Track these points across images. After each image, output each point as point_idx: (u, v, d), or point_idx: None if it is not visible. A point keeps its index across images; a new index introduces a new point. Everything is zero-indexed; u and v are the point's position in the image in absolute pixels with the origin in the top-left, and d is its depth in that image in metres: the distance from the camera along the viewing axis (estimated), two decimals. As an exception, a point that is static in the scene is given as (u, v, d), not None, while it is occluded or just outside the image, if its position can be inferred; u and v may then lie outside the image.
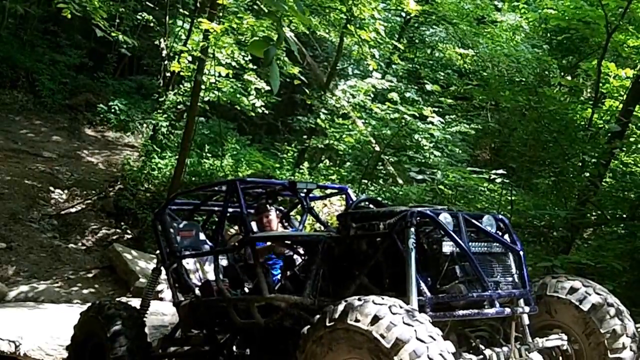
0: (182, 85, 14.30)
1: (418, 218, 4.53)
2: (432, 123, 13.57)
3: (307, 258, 5.38)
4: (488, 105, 16.15)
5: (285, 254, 5.73)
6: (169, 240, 6.27)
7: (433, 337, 3.84)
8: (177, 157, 12.92)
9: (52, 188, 13.97)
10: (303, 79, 14.05)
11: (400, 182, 14.05)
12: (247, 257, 5.82)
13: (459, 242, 4.45)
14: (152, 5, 15.57)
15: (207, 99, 13.73)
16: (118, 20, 14.09)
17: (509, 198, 10.92)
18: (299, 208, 7.04)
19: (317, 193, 7.38)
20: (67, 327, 6.71)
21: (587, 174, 10.02)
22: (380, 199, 11.66)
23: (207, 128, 16.34)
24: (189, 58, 12.97)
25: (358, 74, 17.34)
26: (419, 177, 13.25)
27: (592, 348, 4.96)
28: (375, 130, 14.08)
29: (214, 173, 13.69)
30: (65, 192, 14.04)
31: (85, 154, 16.04)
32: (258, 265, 5.31)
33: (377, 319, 3.87)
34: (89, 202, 13.57)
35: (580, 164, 10.27)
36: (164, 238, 6.33)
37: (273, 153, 16.02)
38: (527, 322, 4.74)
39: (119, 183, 13.87)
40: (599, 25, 11.22)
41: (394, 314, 3.88)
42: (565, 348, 4.98)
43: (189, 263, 6.37)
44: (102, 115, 17.36)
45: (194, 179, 13.27)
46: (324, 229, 6.67)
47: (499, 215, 5.03)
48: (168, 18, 14.97)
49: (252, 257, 5.52)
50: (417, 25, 17.58)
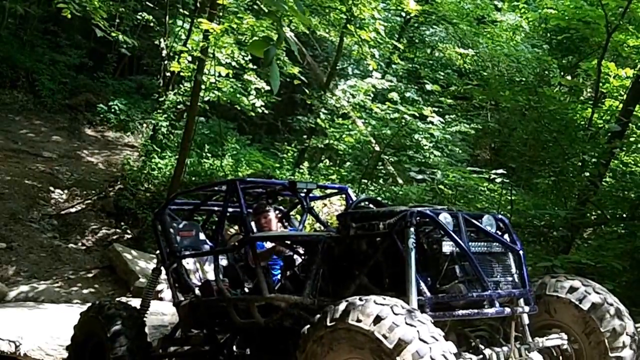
0: (182, 85, 14.28)
1: (418, 218, 4.53)
2: (432, 123, 13.57)
3: (307, 258, 5.37)
4: (488, 105, 16.14)
5: (285, 254, 5.72)
6: (169, 240, 6.26)
7: (435, 337, 3.84)
8: (177, 157, 12.91)
9: (52, 188, 13.97)
10: (303, 79, 14.04)
11: (400, 181, 14.04)
12: (247, 257, 5.82)
13: (459, 242, 4.45)
14: (152, 5, 15.56)
15: (207, 99, 13.71)
16: (118, 20, 14.09)
17: (509, 198, 10.91)
18: (299, 208, 7.03)
19: (317, 193, 7.37)
20: (67, 327, 6.70)
21: (587, 174, 10.00)
22: (380, 199, 11.69)
23: (207, 128, 16.34)
24: (189, 58, 12.97)
25: (358, 74, 17.32)
26: (419, 176, 13.25)
27: (592, 347, 4.95)
28: (375, 130, 14.07)
29: (214, 173, 13.68)
30: (65, 192, 14.04)
31: (85, 154, 16.04)
32: (258, 266, 5.29)
33: (379, 319, 3.86)
34: (89, 202, 13.57)
35: (580, 164, 10.25)
36: (164, 238, 6.32)
37: (273, 153, 16.01)
38: (527, 321, 4.73)
39: (119, 183, 13.86)
40: (599, 25, 11.21)
41: (397, 315, 3.87)
42: (565, 347, 4.98)
43: (189, 263, 6.35)
44: (102, 115, 17.37)
45: (194, 179, 13.26)
46: (324, 229, 6.67)
47: (499, 215, 5.03)
48: (168, 18, 14.95)
49: (251, 257, 5.52)
50: (417, 25, 17.56)
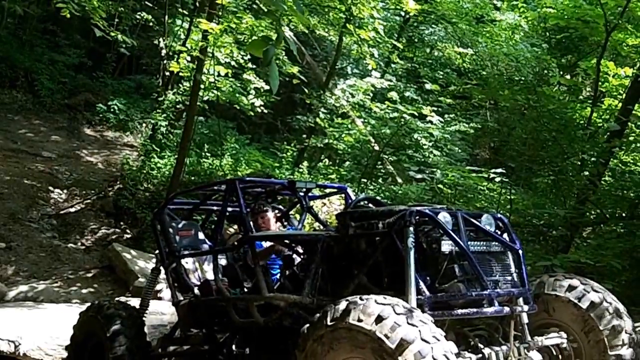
0: (181, 85, 14.27)
1: (417, 217, 4.52)
2: (431, 122, 13.57)
3: (306, 257, 5.37)
4: (487, 105, 16.14)
5: (284, 253, 5.72)
6: (168, 240, 6.27)
7: (437, 337, 3.83)
8: (176, 156, 12.89)
9: (51, 188, 13.97)
10: (302, 78, 14.02)
11: (400, 181, 14.04)
12: (246, 256, 5.82)
13: (458, 241, 4.44)
14: (151, 5, 15.55)
15: (206, 99, 13.71)
16: (117, 20, 14.04)
17: (508, 197, 10.90)
18: (298, 207, 7.03)
19: (316, 192, 7.36)
20: (66, 326, 6.69)
21: (586, 173, 10.00)
22: (380, 198, 11.69)
23: (206, 127, 16.33)
24: (188, 57, 12.96)
25: (357, 73, 17.30)
26: (419, 176, 13.27)
27: (591, 346, 4.95)
28: (375, 130, 14.06)
29: (213, 172, 13.67)
30: (65, 191, 14.04)
31: (85, 154, 16.05)
32: (257, 265, 5.29)
33: (381, 319, 3.86)
34: (88, 201, 13.57)
35: (580, 163, 10.25)
36: (163, 238, 6.32)
37: (272, 152, 16.00)
38: (526, 320, 4.73)
39: (118, 183, 13.86)
40: (598, 24, 11.20)
41: (398, 314, 3.86)
42: (564, 346, 4.97)
43: (188, 262, 6.35)
44: (101, 115, 17.38)
45: (193, 179, 13.26)
46: (323, 228, 6.67)
47: (498, 215, 5.03)
48: (167, 17, 14.95)
49: (251, 256, 5.52)
50: (416, 25, 17.53)
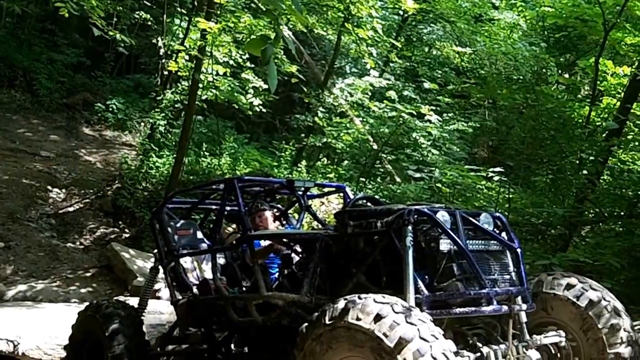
0: (179, 84, 14.26)
1: (415, 216, 4.52)
2: (429, 121, 13.56)
3: (304, 256, 5.37)
4: (486, 103, 16.16)
5: (283, 252, 5.72)
6: (167, 239, 6.27)
7: (436, 336, 3.83)
8: (174, 155, 12.87)
9: (50, 187, 13.96)
10: (301, 77, 14.01)
11: (398, 180, 14.03)
12: (245, 255, 5.82)
13: (457, 240, 4.44)
14: (149, 4, 15.52)
15: (204, 98, 13.68)
16: (115, 19, 14.04)
17: (507, 196, 10.90)
18: (297, 206, 7.03)
19: (315, 191, 7.36)
20: (65, 326, 6.69)
21: (584, 172, 10.01)
22: (378, 197, 11.68)
23: (204, 127, 16.31)
24: (187, 57, 12.96)
25: (356, 72, 17.27)
26: (417, 175, 13.26)
27: (590, 344, 4.94)
28: (373, 129, 14.04)
29: (212, 172, 13.67)
30: (63, 191, 14.04)
31: (83, 153, 16.04)
32: (255, 264, 5.29)
33: (379, 318, 3.85)
34: (87, 201, 13.56)
35: (578, 162, 10.27)
36: (162, 237, 6.32)
37: (271, 151, 15.98)
38: (525, 319, 4.73)
39: (117, 182, 13.86)
40: (597, 23, 11.22)
41: (397, 313, 3.86)
42: (563, 345, 4.98)
43: (187, 262, 6.35)
44: (99, 114, 17.37)
45: (192, 178, 13.26)
46: (322, 227, 6.67)
47: (497, 213, 5.03)
48: (165, 17, 14.92)
49: (249, 255, 5.52)
50: (414, 24, 17.51)
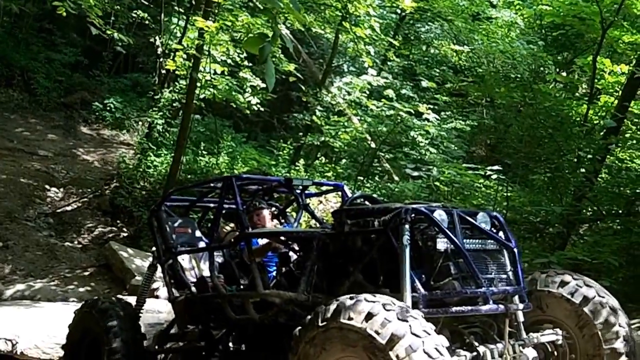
0: (177, 83, 14.26)
1: (413, 215, 4.53)
2: (427, 120, 13.56)
3: (302, 254, 5.38)
4: (483, 102, 16.15)
5: (281, 251, 5.73)
6: (165, 237, 6.29)
7: (427, 331, 3.87)
8: (172, 154, 12.88)
9: (47, 186, 13.96)
10: (299, 76, 14.00)
11: (396, 178, 14.03)
12: (243, 253, 5.83)
13: (454, 238, 4.45)
14: (147, 3, 15.50)
15: (202, 97, 13.68)
16: (113, 18, 14.04)
17: (505, 194, 10.91)
18: (295, 205, 7.04)
19: (313, 190, 7.37)
20: (63, 325, 6.70)
21: (582, 170, 10.01)
22: (376, 196, 11.67)
23: (202, 125, 16.31)
24: (184, 55, 12.95)
25: (353, 71, 17.28)
26: (415, 173, 13.23)
27: (585, 340, 4.97)
28: (371, 127, 14.02)
29: (210, 170, 13.67)
30: (61, 190, 14.04)
31: (81, 152, 16.04)
32: (253, 262, 5.31)
33: (371, 316, 3.88)
34: (85, 200, 13.56)
35: (576, 160, 10.27)
36: (160, 234, 6.34)
37: (269, 150, 15.98)
38: (522, 318, 4.74)
39: (115, 181, 13.86)
40: (594, 22, 11.22)
41: (388, 311, 3.89)
42: (560, 342, 4.99)
43: (185, 260, 6.37)
44: (97, 113, 17.38)
45: (190, 177, 13.25)
46: (319, 226, 6.68)
47: (494, 212, 5.03)
48: (163, 15, 14.91)
49: (247, 253, 5.52)
50: (412, 22, 17.52)
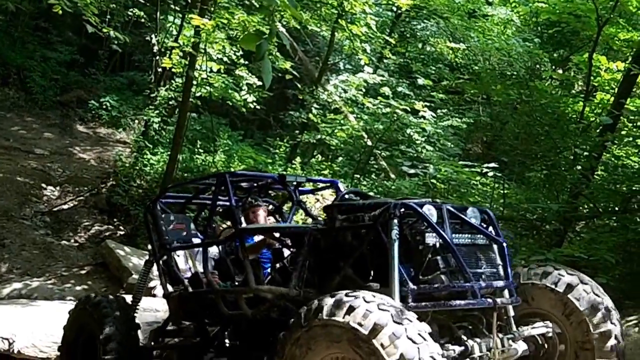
0: (173, 81, 14.25)
1: (402, 210, 4.55)
2: (424, 117, 13.56)
3: (294, 250, 5.41)
4: (480, 99, 16.13)
5: (275, 247, 5.75)
6: (160, 233, 6.32)
7: (410, 319, 3.94)
8: (169, 153, 12.88)
9: (44, 185, 13.97)
10: (295, 74, 13.99)
11: (393, 176, 14.03)
12: (238, 250, 5.85)
13: (442, 233, 4.48)
14: (142, 1, 15.50)
15: (198, 95, 13.68)
16: (109, 16, 14.01)
17: (501, 191, 10.91)
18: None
19: (308, 186, 7.38)
20: (61, 324, 6.71)
21: (579, 167, 9.98)
22: (373, 194, 11.66)
23: (199, 124, 16.30)
24: (180, 53, 12.96)
25: (350, 69, 17.25)
26: (411, 171, 13.21)
27: (574, 328, 4.99)
28: (367, 125, 14.03)
29: (207, 169, 13.66)
30: (58, 188, 14.04)
31: (77, 151, 16.04)
32: (246, 258, 5.33)
33: (352, 309, 3.95)
34: (81, 198, 13.57)
35: (572, 157, 10.24)
36: (155, 230, 6.37)
37: (265, 148, 15.95)
38: (512, 312, 4.77)
39: (111, 179, 13.86)
40: (590, 19, 11.21)
41: (369, 303, 3.96)
42: (550, 335, 5.01)
43: (180, 256, 6.41)
44: (93, 112, 17.38)
45: (187, 175, 13.23)
46: (312, 222, 6.70)
47: (484, 208, 5.06)
48: (159, 14, 14.90)
49: (240, 249, 5.54)
50: (408, 20, 17.47)
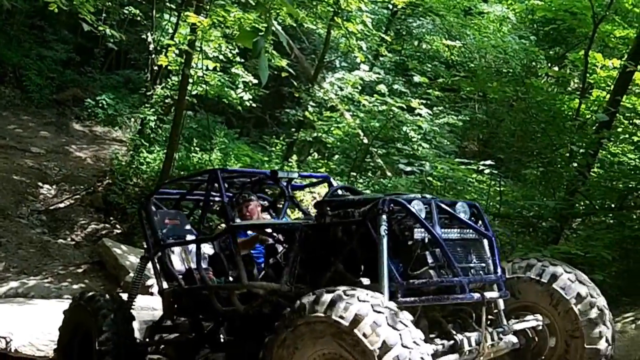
0: (169, 79, 14.25)
1: (390, 205, 4.56)
2: (420, 115, 13.53)
3: (287, 246, 5.41)
4: (476, 97, 16.09)
5: (268, 243, 5.76)
6: (153, 229, 6.34)
7: (390, 308, 3.99)
8: (165, 151, 12.88)
9: (40, 183, 13.97)
10: (291, 71, 13.97)
11: (389, 174, 14.02)
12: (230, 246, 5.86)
13: (430, 228, 4.49)
14: (138, -1, 15.53)
15: (194, 93, 13.67)
16: (105, 15, 14.01)
17: (498, 189, 10.91)
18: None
19: (302, 182, 7.38)
20: (57, 322, 6.72)
21: (575, 164, 10.01)
22: (369, 192, 11.62)
23: (195, 122, 16.30)
24: (176, 51, 12.95)
25: (346, 67, 17.24)
26: (408, 169, 13.21)
27: (562, 317, 5.02)
28: (364, 123, 14.00)
29: (203, 167, 13.62)
30: (54, 187, 14.04)
31: (74, 149, 16.03)
32: (237, 254, 5.35)
33: (333, 303, 4.01)
34: (78, 197, 13.57)
35: (569, 154, 10.27)
36: (149, 227, 6.39)
37: (261, 146, 15.93)
38: (502, 306, 4.78)
39: (108, 178, 13.85)
40: (586, 16, 11.26)
41: (348, 296, 4.01)
42: (540, 327, 5.03)
43: (175, 252, 6.42)
44: (89, 110, 17.38)
45: (183, 173, 13.17)
46: (304, 217, 6.72)
47: (473, 202, 5.07)
48: (155, 12, 14.89)
49: (232, 245, 5.55)
50: (404, 17, 17.48)
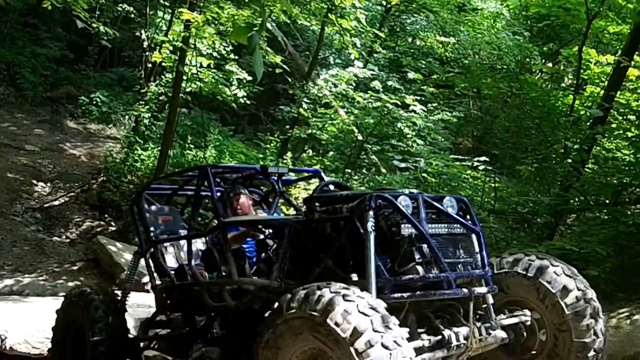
0: (163, 76, 14.25)
1: (378, 201, 4.56)
2: (414, 111, 13.51)
3: (277, 241, 5.42)
4: (470, 93, 16.11)
5: (259, 238, 5.77)
6: (145, 225, 6.35)
7: (361, 296, 4.03)
8: (159, 148, 12.88)
9: (35, 181, 13.95)
10: (285, 68, 13.97)
11: (384, 171, 14.01)
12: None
13: (416, 224, 4.49)
14: (132, -3, 15.50)
15: (189, 90, 13.67)
16: (98, 12, 13.99)
17: (492, 185, 10.94)
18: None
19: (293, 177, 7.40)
20: (53, 320, 6.72)
21: (569, 160, 10.02)
22: (364, 188, 11.61)
23: (189, 119, 16.28)
24: (170, 48, 12.95)
25: (340, 63, 17.21)
26: (402, 165, 13.20)
27: (549, 311, 5.02)
28: (358, 120, 14.00)
29: (197, 164, 13.61)
30: (48, 185, 14.02)
31: (68, 147, 16.00)
32: (227, 250, 5.36)
33: (307, 297, 4.07)
34: (72, 194, 13.56)
35: (563, 151, 10.28)
36: (141, 223, 6.39)
37: (256, 143, 15.92)
38: (491, 301, 4.79)
39: (102, 175, 13.83)
40: (580, 12, 11.26)
41: (321, 289, 4.07)
42: (529, 322, 5.04)
43: (168, 247, 6.45)
44: (83, 108, 17.35)
45: (177, 171, 13.22)
46: (295, 213, 6.73)
47: (461, 196, 5.07)
48: (148, 9, 14.87)
49: (223, 241, 5.56)
50: (397, 14, 17.49)
